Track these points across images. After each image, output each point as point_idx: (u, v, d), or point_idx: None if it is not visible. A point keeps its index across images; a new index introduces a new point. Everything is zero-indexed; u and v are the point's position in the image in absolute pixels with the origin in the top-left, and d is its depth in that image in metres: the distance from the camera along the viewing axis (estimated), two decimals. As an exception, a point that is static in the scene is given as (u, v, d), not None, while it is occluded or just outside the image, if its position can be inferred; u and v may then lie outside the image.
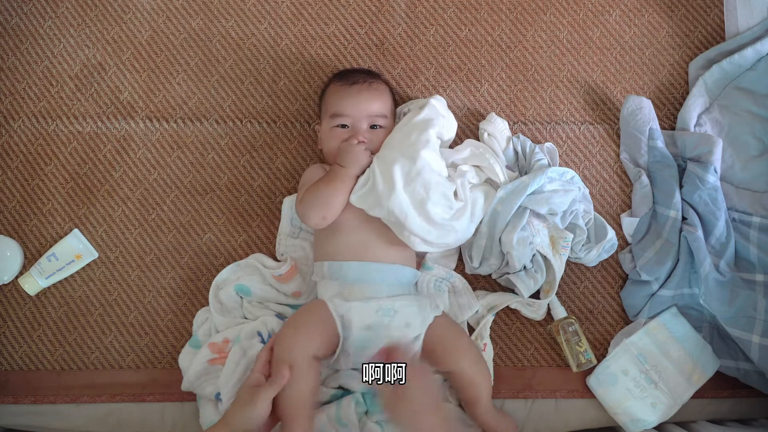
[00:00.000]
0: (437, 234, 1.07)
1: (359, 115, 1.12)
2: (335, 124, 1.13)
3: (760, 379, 1.13)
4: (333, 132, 1.13)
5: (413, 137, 1.09)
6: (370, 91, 1.14)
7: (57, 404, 1.15)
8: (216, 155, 1.25)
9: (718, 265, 1.16)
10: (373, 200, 1.06)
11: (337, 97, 1.14)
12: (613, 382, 1.14)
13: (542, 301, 1.16)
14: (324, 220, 1.08)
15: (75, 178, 1.24)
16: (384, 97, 1.16)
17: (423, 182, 1.06)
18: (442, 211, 1.07)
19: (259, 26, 1.31)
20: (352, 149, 1.09)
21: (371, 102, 1.13)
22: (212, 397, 1.09)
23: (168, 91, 1.28)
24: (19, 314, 1.19)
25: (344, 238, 1.09)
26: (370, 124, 1.13)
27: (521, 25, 1.32)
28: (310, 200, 1.08)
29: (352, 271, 1.06)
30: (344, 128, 1.13)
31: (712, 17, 1.34)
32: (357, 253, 1.07)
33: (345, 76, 1.17)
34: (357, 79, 1.15)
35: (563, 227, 1.16)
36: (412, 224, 1.05)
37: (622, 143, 1.27)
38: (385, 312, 1.04)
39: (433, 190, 1.06)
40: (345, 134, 1.12)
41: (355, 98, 1.12)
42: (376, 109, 1.13)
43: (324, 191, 1.08)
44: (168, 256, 1.21)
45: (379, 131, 1.13)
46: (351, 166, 1.08)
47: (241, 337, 1.09)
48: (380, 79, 1.20)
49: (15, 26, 1.29)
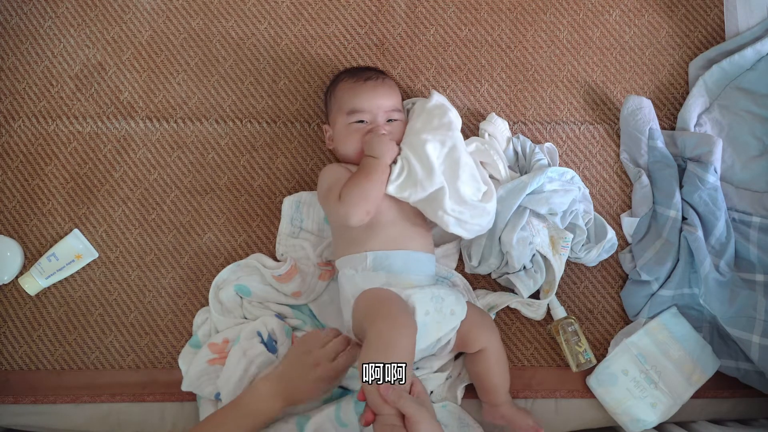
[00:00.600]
0: (470, 214, 1.08)
1: (377, 109, 1.12)
2: (353, 120, 1.13)
3: (760, 379, 1.13)
4: (351, 128, 1.13)
5: (435, 121, 1.10)
6: (385, 86, 1.16)
7: (57, 404, 1.15)
8: (216, 155, 1.25)
9: (718, 265, 1.16)
10: (412, 187, 1.06)
11: (351, 93, 1.14)
12: (613, 382, 1.14)
13: (542, 301, 1.16)
14: (368, 215, 1.06)
15: (75, 178, 1.24)
16: (397, 92, 1.18)
17: (452, 162, 1.07)
18: (471, 192, 1.09)
19: (259, 26, 1.31)
20: (381, 139, 1.09)
21: (387, 97, 1.14)
22: (212, 397, 1.09)
23: (168, 91, 1.28)
24: (19, 314, 1.19)
25: (383, 230, 1.08)
26: (388, 118, 1.14)
27: (521, 25, 1.32)
28: (352, 197, 1.05)
29: (398, 261, 1.06)
30: (362, 123, 1.13)
31: (712, 17, 1.34)
32: (398, 244, 1.07)
33: (356, 73, 1.17)
34: (370, 75, 1.16)
35: (563, 227, 1.16)
36: (447, 203, 1.06)
37: (622, 143, 1.27)
38: (437, 299, 1.03)
39: (462, 170, 1.07)
40: (365, 129, 1.12)
41: (372, 93, 1.13)
42: (392, 104, 1.14)
43: (365, 185, 1.06)
44: (168, 256, 1.21)
45: (395, 124, 1.14)
46: (383, 155, 1.07)
47: (241, 338, 1.09)
48: (387, 76, 1.21)
49: (15, 26, 1.29)
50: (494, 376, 1.09)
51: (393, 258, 1.06)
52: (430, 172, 1.05)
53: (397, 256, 1.06)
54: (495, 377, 1.09)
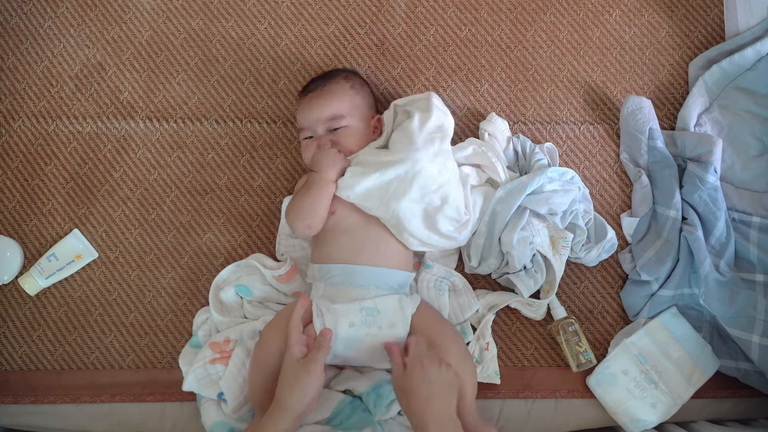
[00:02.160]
0: (438, 240, 1.11)
1: (314, 123, 1.13)
2: (302, 138, 1.16)
3: (760, 379, 1.13)
4: (303, 145, 1.16)
5: (436, 145, 1.08)
6: (322, 96, 1.14)
7: (57, 404, 1.15)
8: (216, 155, 1.25)
9: (718, 265, 1.16)
10: (378, 200, 1.07)
11: (298, 111, 1.18)
12: (613, 382, 1.14)
13: (542, 301, 1.16)
14: (310, 229, 1.09)
15: (75, 178, 1.24)
16: (339, 96, 1.15)
17: (443, 194, 1.08)
18: (449, 224, 1.10)
19: (259, 26, 1.31)
20: (322, 152, 1.10)
21: (323, 107, 1.13)
22: (215, 398, 1.09)
23: (168, 91, 1.28)
24: (19, 314, 1.19)
25: (336, 241, 1.09)
26: (328, 128, 1.13)
27: (521, 25, 1.32)
28: (293, 210, 1.10)
29: (338, 274, 1.07)
30: (311, 139, 1.15)
31: (712, 17, 1.34)
32: (346, 256, 1.07)
33: (303, 89, 1.20)
34: (311, 88, 1.17)
35: (563, 227, 1.16)
36: (414, 228, 1.07)
37: (622, 143, 1.27)
38: (369, 312, 1.04)
39: (449, 204, 1.08)
40: (312, 145, 1.14)
41: (308, 108, 1.15)
42: (330, 113, 1.13)
43: (304, 201, 1.09)
44: (168, 256, 1.21)
45: (343, 131, 1.13)
46: (323, 169, 1.08)
47: (245, 337, 1.09)
48: (337, 77, 1.18)
49: (15, 26, 1.29)
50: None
51: (333, 271, 1.07)
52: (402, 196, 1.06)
53: (336, 269, 1.07)
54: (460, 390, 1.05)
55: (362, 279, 1.06)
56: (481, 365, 1.14)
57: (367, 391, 1.07)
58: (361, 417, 1.05)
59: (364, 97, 1.19)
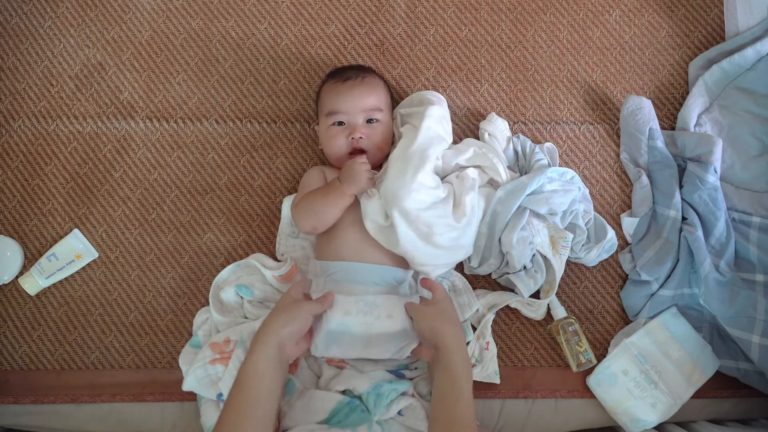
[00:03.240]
0: (446, 255, 1.10)
1: (354, 110, 1.12)
2: (331, 122, 1.14)
3: (760, 379, 1.13)
4: (330, 131, 1.14)
5: (408, 175, 1.07)
6: (363, 86, 1.14)
7: (57, 404, 1.15)
8: (216, 155, 1.25)
9: (718, 265, 1.16)
10: (387, 238, 1.08)
11: (331, 95, 1.15)
12: (613, 382, 1.14)
13: (542, 301, 1.16)
14: (315, 230, 1.11)
15: (75, 178, 1.24)
16: (378, 91, 1.16)
17: (425, 222, 1.07)
18: (448, 237, 1.09)
19: (259, 26, 1.31)
20: (355, 170, 1.08)
21: (365, 97, 1.13)
22: (214, 398, 1.08)
23: (168, 91, 1.28)
24: (19, 314, 1.19)
25: (339, 239, 1.10)
26: (366, 118, 1.13)
27: (521, 25, 1.32)
28: (304, 209, 1.10)
29: (339, 271, 1.08)
30: (341, 125, 1.13)
31: (712, 17, 1.34)
32: (348, 254, 1.08)
33: (337, 74, 1.17)
34: (350, 76, 1.15)
35: (563, 227, 1.16)
36: (421, 258, 1.08)
37: (622, 143, 1.27)
38: (367, 303, 1.05)
39: (436, 225, 1.08)
40: (342, 132, 1.13)
41: (349, 94, 1.13)
42: (371, 104, 1.13)
43: (319, 204, 1.09)
44: (168, 256, 1.21)
45: (376, 125, 1.14)
46: (349, 186, 1.08)
47: (245, 338, 1.09)
48: (373, 73, 1.20)
49: (15, 26, 1.29)
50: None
51: (334, 267, 1.08)
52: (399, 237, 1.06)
53: (337, 266, 1.08)
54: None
55: (362, 276, 1.07)
56: (481, 365, 1.14)
57: (367, 391, 1.07)
58: (359, 416, 1.05)
59: (391, 100, 1.20)
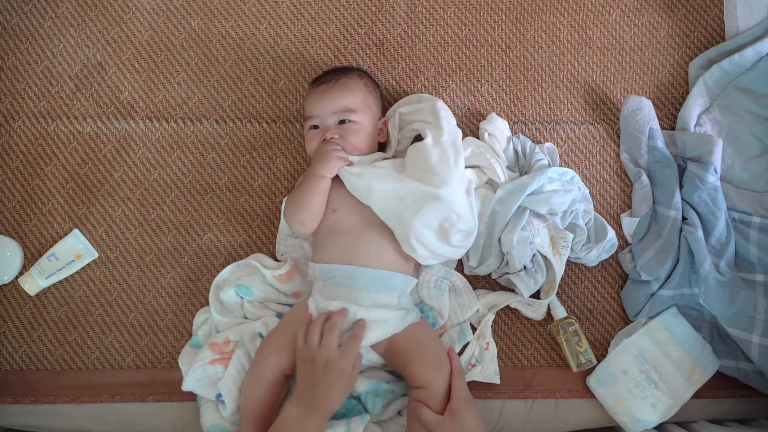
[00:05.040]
0: (448, 250, 1.10)
1: (325, 113, 1.13)
2: (308, 127, 1.15)
3: (760, 379, 1.13)
4: (308, 134, 1.15)
5: (460, 168, 1.09)
6: (336, 87, 1.14)
7: (57, 404, 1.15)
8: (216, 155, 1.25)
9: (718, 265, 1.16)
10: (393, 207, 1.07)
11: (308, 100, 1.17)
12: (613, 382, 1.14)
13: (542, 301, 1.16)
14: (303, 226, 1.10)
15: (75, 178, 1.24)
16: (353, 92, 1.15)
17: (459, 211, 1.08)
18: (462, 237, 1.09)
19: (259, 26, 1.31)
20: (322, 150, 1.10)
21: (336, 99, 1.13)
22: (213, 398, 1.08)
23: (168, 91, 1.28)
24: (19, 314, 1.19)
25: (337, 241, 1.09)
26: (338, 120, 1.13)
27: (521, 25, 1.32)
28: (289, 206, 1.11)
29: (339, 275, 1.06)
30: (316, 129, 1.14)
31: (712, 17, 1.34)
32: (347, 257, 1.07)
33: (317, 79, 1.19)
34: (325, 80, 1.17)
35: (563, 227, 1.16)
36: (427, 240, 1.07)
37: (622, 143, 1.27)
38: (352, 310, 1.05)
39: (463, 218, 1.08)
40: (317, 135, 1.14)
41: (320, 98, 1.14)
42: (342, 105, 1.13)
43: (298, 195, 1.10)
44: (168, 256, 1.21)
45: (350, 126, 1.13)
46: (317, 166, 1.08)
47: (245, 339, 1.09)
48: (352, 73, 1.19)
49: (15, 26, 1.29)
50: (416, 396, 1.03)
51: (334, 271, 1.07)
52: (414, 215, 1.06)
53: (337, 269, 1.07)
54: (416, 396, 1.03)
55: (362, 281, 1.06)
56: (481, 365, 1.14)
57: (365, 391, 1.07)
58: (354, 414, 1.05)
59: (375, 98, 1.19)
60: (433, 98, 1.18)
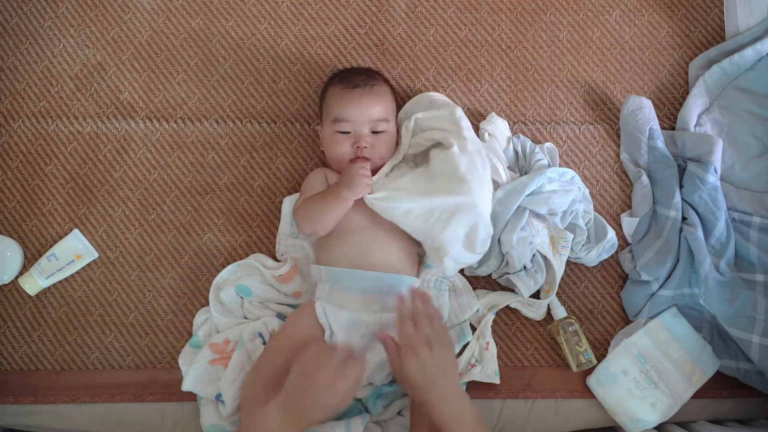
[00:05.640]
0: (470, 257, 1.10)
1: (361, 120, 1.10)
2: (337, 130, 1.11)
3: (760, 379, 1.13)
4: (335, 138, 1.12)
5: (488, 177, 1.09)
6: (372, 94, 1.12)
7: (57, 404, 1.15)
8: (216, 155, 1.25)
9: (718, 265, 1.16)
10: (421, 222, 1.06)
11: (338, 100, 1.12)
12: (613, 382, 1.14)
13: (542, 301, 1.16)
14: (314, 234, 1.10)
15: (75, 178, 1.24)
16: (386, 100, 1.14)
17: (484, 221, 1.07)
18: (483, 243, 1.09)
19: (259, 26, 1.31)
20: (354, 175, 1.06)
21: (373, 106, 1.11)
22: (213, 398, 1.08)
23: (168, 91, 1.28)
24: (19, 314, 1.19)
25: (342, 242, 1.08)
26: (372, 129, 1.11)
27: (521, 25, 1.32)
28: (304, 213, 1.09)
29: (345, 279, 1.06)
30: (346, 134, 1.11)
31: (712, 17, 1.34)
32: (352, 258, 1.06)
33: (346, 79, 1.14)
34: (358, 82, 1.13)
35: (563, 227, 1.16)
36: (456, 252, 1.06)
37: (622, 143, 1.27)
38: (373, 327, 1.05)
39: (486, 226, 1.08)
40: (347, 140, 1.11)
41: (357, 103, 1.10)
42: (378, 114, 1.11)
43: (318, 209, 1.07)
44: (168, 256, 1.21)
45: (381, 135, 1.12)
46: (347, 191, 1.05)
47: (245, 340, 1.09)
48: (381, 79, 1.18)
49: (15, 26, 1.29)
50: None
51: (341, 275, 1.06)
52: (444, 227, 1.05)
53: (345, 273, 1.06)
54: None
55: (371, 284, 1.06)
56: (481, 365, 1.14)
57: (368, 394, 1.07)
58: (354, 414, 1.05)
59: (396, 106, 1.19)
60: (448, 103, 1.17)
